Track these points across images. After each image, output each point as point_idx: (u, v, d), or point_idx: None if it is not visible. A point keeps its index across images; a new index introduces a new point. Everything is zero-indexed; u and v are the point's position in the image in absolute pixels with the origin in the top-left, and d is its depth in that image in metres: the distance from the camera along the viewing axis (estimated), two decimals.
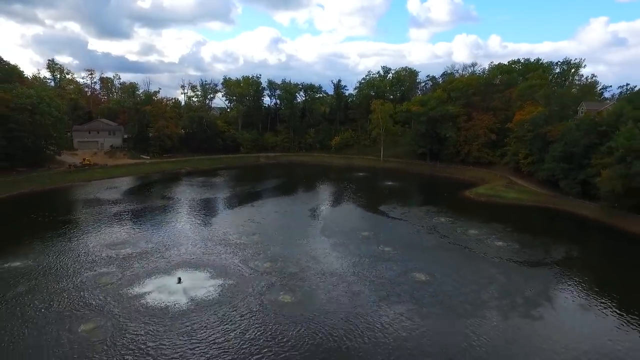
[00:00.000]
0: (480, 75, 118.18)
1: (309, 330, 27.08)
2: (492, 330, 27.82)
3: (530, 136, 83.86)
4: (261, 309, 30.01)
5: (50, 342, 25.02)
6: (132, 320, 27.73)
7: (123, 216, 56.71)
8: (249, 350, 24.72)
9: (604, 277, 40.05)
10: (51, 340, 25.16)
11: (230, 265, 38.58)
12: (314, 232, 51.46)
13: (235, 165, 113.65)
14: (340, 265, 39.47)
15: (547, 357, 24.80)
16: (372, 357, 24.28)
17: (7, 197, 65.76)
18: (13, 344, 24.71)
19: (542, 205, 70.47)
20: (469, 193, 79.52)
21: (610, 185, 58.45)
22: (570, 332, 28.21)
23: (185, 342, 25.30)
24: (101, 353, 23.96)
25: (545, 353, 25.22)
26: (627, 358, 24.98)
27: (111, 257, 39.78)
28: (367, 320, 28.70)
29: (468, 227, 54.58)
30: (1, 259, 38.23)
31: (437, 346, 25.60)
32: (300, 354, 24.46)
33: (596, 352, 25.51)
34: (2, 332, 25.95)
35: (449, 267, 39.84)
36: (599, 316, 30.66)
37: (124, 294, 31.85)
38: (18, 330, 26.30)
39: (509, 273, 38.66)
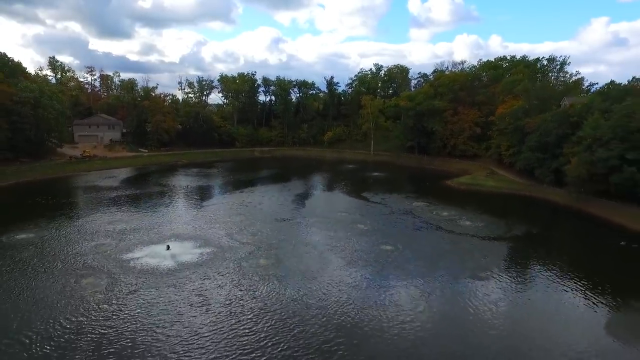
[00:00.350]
0: (467, 72, 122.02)
1: (279, 285, 31.18)
2: (439, 286, 31.91)
3: (511, 129, 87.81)
4: (239, 269, 34.15)
5: (56, 291, 29.23)
6: (126, 276, 31.90)
7: (120, 200, 60.92)
8: (225, 297, 28.87)
9: (554, 249, 44.25)
10: (57, 290, 29.37)
11: (216, 237, 42.73)
12: (295, 213, 55.63)
13: (230, 159, 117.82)
14: (315, 239, 43.61)
15: (481, 304, 28.84)
16: (330, 306, 28.32)
17: (13, 184, 69.93)
18: (26, 293, 28.86)
19: (518, 193, 74.46)
20: (450, 182, 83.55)
21: (577, 171, 62.49)
22: (505, 288, 32.29)
23: (170, 291, 29.49)
24: (99, 298, 28.13)
25: (480, 300, 29.31)
26: (538, 302, 29.08)
27: (108, 231, 43.93)
28: (332, 279, 32.76)
29: (442, 210, 58.67)
30: (9, 232, 42.38)
31: (390, 298, 29.66)
32: (268, 301, 28.55)
33: (523, 303, 29.66)
34: (15, 285, 30.17)
35: (415, 240, 43.99)
36: (539, 278, 34.77)
37: (119, 258, 36.02)
38: (29, 283, 30.52)
39: (467, 245, 42.75)
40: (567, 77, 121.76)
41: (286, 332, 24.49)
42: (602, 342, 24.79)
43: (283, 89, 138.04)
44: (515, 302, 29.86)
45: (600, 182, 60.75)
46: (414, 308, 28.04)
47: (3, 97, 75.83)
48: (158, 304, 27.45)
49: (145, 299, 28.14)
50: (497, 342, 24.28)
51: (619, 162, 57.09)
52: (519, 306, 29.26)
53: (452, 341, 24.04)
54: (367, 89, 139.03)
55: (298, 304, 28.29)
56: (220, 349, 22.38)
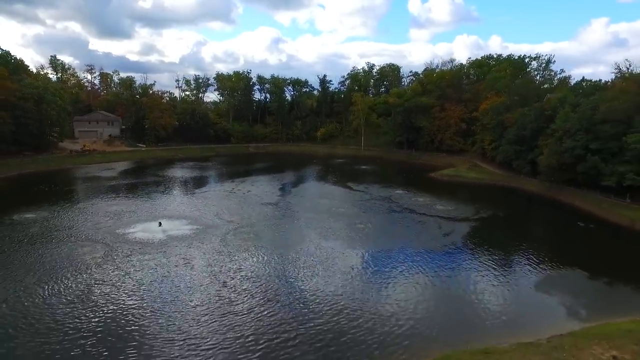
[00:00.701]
0: (454, 70, 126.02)
1: (256, 252, 35.36)
2: (391, 253, 36.05)
3: (493, 124, 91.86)
4: (222, 241, 38.30)
5: (61, 256, 33.46)
6: (121, 246, 36.10)
7: (118, 188, 65.13)
8: (207, 261, 33.08)
9: (512, 227, 48.51)
10: (62, 256, 33.61)
11: (204, 217, 46.90)
12: (281, 199, 59.81)
13: (225, 154, 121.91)
14: (296, 220, 47.78)
15: (423, 265, 33.00)
16: (297, 265, 32.46)
17: (17, 175, 74.08)
18: (35, 259, 32.96)
19: (497, 184, 78.60)
20: (434, 174, 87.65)
21: (547, 161, 66.68)
22: (449, 253, 36.46)
23: (159, 256, 33.73)
24: (98, 261, 32.32)
25: (423, 262, 33.49)
26: (475, 267, 33.23)
27: (106, 212, 48.12)
28: (304, 249, 36.90)
29: (419, 197, 62.79)
30: (18, 212, 46.60)
31: (348, 260, 33.78)
32: (244, 263, 32.70)
33: (461, 266, 33.86)
34: (26, 251, 34.39)
35: (386, 220, 48.20)
36: (485, 248, 38.89)
37: (116, 232, 40.19)
38: (38, 250, 34.73)
39: (433, 224, 46.91)
40: (551, 75, 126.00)
41: (256, 284, 28.72)
42: (523, 293, 29.00)
43: (277, 87, 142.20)
44: (456, 265, 33.95)
45: (568, 171, 64.85)
46: (365, 268, 32.31)
47: (7, 93, 79.89)
48: (149, 265, 31.62)
49: (138, 262, 32.30)
50: (428, 292, 28.43)
51: (583, 152, 61.24)
52: (457, 269, 33.30)
53: (384, 285, 28.20)
54: (359, 87, 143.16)
55: (270, 265, 32.53)
56: (200, 296, 26.52)
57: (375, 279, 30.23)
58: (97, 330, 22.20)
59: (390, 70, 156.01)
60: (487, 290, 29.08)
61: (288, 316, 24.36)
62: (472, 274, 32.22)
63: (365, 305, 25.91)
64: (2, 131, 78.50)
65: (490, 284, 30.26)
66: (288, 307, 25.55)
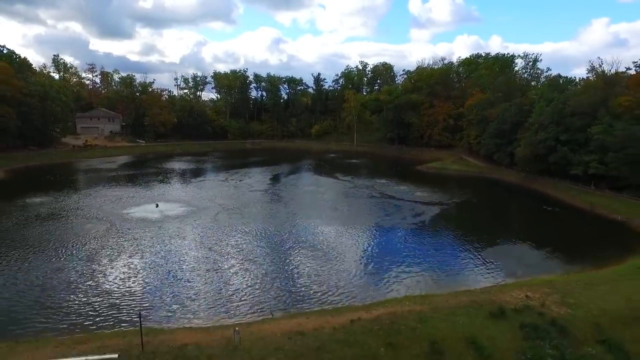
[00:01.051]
0: (443, 68, 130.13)
1: (241, 227, 39.68)
2: (360, 228, 40.32)
3: (477, 119, 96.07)
4: (212, 219, 42.70)
5: (68, 230, 37.93)
6: (121, 223, 40.50)
7: (119, 177, 69.54)
8: (197, 233, 37.44)
9: (480, 209, 52.75)
10: (69, 229, 38.08)
11: (198, 200, 51.31)
12: (270, 187, 64.23)
13: (222, 150, 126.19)
14: (281, 203, 52.13)
15: (385, 237, 37.28)
16: (274, 234, 36.77)
17: (23, 167, 78.51)
18: (46, 230, 37.35)
19: (479, 175, 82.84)
20: (420, 167, 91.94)
21: (523, 152, 70.91)
22: (422, 230, 40.71)
23: (155, 229, 38.10)
24: (101, 234, 36.63)
25: (386, 235, 37.76)
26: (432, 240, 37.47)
27: (108, 197, 52.54)
28: (283, 225, 41.26)
29: (400, 186, 67.05)
30: (27, 197, 51.06)
31: (321, 235, 38.08)
32: (230, 232, 37.02)
33: (420, 240, 38.14)
34: (38, 227, 38.74)
35: (364, 203, 52.61)
36: (451, 229, 43.14)
37: (116, 212, 44.56)
38: (48, 226, 39.10)
39: (406, 207, 51.18)
40: (538, 73, 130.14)
41: (237, 249, 33.17)
42: (471, 258, 33.29)
43: (273, 85, 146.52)
44: (419, 239, 38.22)
45: (542, 162, 69.10)
46: (334, 239, 36.61)
47: (14, 90, 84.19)
48: (146, 236, 36.00)
49: (137, 234, 36.66)
50: (387, 257, 32.76)
51: (554, 143, 65.47)
52: (420, 242, 37.58)
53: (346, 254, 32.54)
54: (352, 85, 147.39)
55: (251, 236, 37.02)
56: (189, 257, 30.87)
57: (342, 247, 34.53)
58: (103, 279, 26.57)
59: (383, 69, 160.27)
60: (439, 256, 33.34)
61: (263, 271, 28.73)
62: (431, 245, 36.50)
63: (326, 266, 30.20)
64: (9, 126, 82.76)
65: (445, 252, 34.53)
66: (263, 265, 29.92)
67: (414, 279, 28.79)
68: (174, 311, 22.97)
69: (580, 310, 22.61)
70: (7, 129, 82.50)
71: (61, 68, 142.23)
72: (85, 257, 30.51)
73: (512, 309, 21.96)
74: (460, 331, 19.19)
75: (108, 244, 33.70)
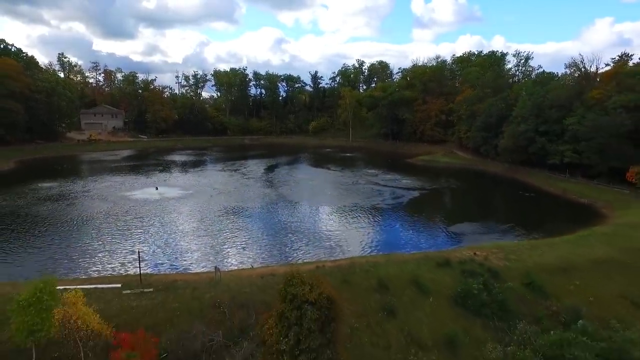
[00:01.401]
0: (436, 65, 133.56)
1: (233, 206, 43.55)
2: (341, 207, 44.16)
3: (467, 114, 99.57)
4: (206, 200, 46.74)
5: (78, 206, 41.92)
6: (124, 202, 44.53)
7: (122, 167, 73.58)
8: (193, 209, 41.29)
9: (460, 196, 56.46)
10: (78, 205, 42.11)
11: (196, 185, 55.34)
12: (263, 175, 68.09)
13: (222, 145, 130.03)
14: (271, 188, 56.11)
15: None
16: (262, 211, 40.61)
17: (32, 159, 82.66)
18: (59, 207, 41.34)
19: (466, 167, 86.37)
20: (411, 160, 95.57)
21: (505, 144, 74.50)
22: (396, 209, 44.45)
23: (155, 207, 42.05)
24: (106, 211, 40.59)
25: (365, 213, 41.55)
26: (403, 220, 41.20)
27: (111, 182, 56.63)
28: (269, 204, 45.10)
29: (387, 175, 70.74)
30: (38, 182, 55.22)
31: (306, 210, 41.90)
32: (222, 209, 40.87)
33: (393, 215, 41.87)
34: (50, 205, 42.75)
35: (348, 189, 56.32)
36: (425, 209, 46.87)
37: (119, 194, 48.64)
38: (58, 205, 43.19)
39: (388, 191, 54.96)
40: (529, 70, 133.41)
41: (226, 219, 37.00)
42: (438, 231, 37.01)
43: (272, 83, 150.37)
44: (393, 216, 41.97)
45: (523, 153, 72.69)
46: (315, 215, 40.41)
47: (22, 86, 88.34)
48: (146, 211, 40.01)
49: (137, 210, 40.67)
50: (361, 228, 36.53)
51: (534, 134, 69.05)
52: (392, 218, 41.35)
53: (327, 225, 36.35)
54: (349, 82, 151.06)
55: (239, 211, 40.89)
56: (184, 225, 34.77)
57: (319, 222, 38.37)
58: (108, 241, 30.53)
59: (380, 67, 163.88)
60: (409, 229, 37.13)
61: (248, 237, 32.65)
62: (403, 220, 40.30)
63: (303, 234, 34.08)
64: (18, 121, 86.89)
65: (415, 227, 38.30)
66: (248, 232, 33.85)
67: (381, 244, 32.59)
68: (167, 263, 26.84)
69: (517, 263, 26.39)
70: (16, 123, 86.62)
71: (66, 67, 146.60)
72: (91, 226, 34.47)
73: (458, 261, 25.74)
74: (406, 274, 22.99)
75: (111, 217, 37.68)
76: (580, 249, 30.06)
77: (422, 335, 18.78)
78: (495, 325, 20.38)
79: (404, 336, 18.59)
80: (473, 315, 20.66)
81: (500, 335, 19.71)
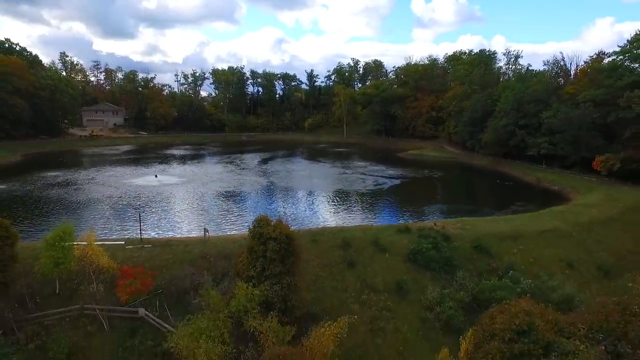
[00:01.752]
0: (428, 63, 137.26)
1: (224, 190, 47.33)
2: (329, 190, 47.93)
3: (456, 110, 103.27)
4: (201, 185, 50.43)
5: (81, 194, 45.74)
6: (126, 188, 48.30)
7: (123, 160, 77.50)
8: (188, 191, 45.08)
9: (439, 184, 60.18)
10: (82, 194, 45.91)
11: (192, 175, 59.17)
12: (257, 166, 71.94)
13: (219, 141, 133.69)
14: (263, 176, 59.91)
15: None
16: (252, 197, 44.40)
17: (36, 153, 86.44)
18: (63, 194, 45.11)
19: (452, 160, 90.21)
20: (401, 154, 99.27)
21: (488, 138, 78.24)
22: (375, 193, 48.18)
23: (153, 189, 45.75)
24: (108, 193, 44.42)
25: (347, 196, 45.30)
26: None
27: (113, 172, 60.60)
28: (260, 188, 48.84)
29: (375, 166, 74.42)
30: (45, 172, 58.96)
31: (290, 196, 45.65)
32: (216, 192, 44.65)
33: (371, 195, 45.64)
34: (58, 189, 46.52)
35: (336, 177, 60.24)
36: (400, 193, 50.56)
37: (121, 182, 52.51)
38: (63, 190, 46.97)
39: (371, 179, 58.74)
40: (519, 69, 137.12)
41: (219, 198, 40.71)
42: (410, 210, 40.76)
43: (268, 81, 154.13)
44: (371, 198, 45.69)
45: (504, 146, 76.44)
46: (301, 197, 44.20)
47: (27, 83, 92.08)
48: (145, 193, 43.76)
49: (138, 192, 44.41)
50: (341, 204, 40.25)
51: (514, 127, 72.76)
52: (370, 200, 45.07)
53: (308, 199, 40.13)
54: (343, 80, 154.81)
55: (229, 193, 44.59)
56: (181, 204, 38.53)
57: (304, 201, 42.16)
58: (111, 213, 34.35)
59: (375, 66, 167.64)
60: (383, 208, 40.85)
61: (238, 212, 36.40)
62: (380, 200, 43.96)
63: (287, 209, 37.84)
64: (23, 117, 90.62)
65: (390, 207, 42.04)
66: (238, 208, 37.59)
67: (355, 220, 36.33)
68: (164, 232, 30.61)
69: (470, 231, 30.13)
70: (21, 119, 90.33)
71: (68, 65, 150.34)
72: (95, 205, 38.28)
73: (417, 229, 29.49)
74: (369, 236, 26.75)
75: (113, 199, 41.46)
76: (532, 222, 33.79)
77: (375, 281, 22.53)
78: (441, 277, 24.12)
79: (360, 282, 22.34)
80: (423, 269, 24.40)
81: (444, 284, 23.44)
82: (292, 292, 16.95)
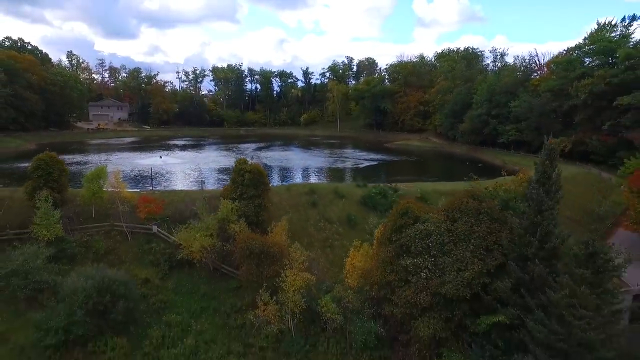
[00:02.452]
0: (416, 61, 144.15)
1: (223, 168, 54.25)
2: (310, 167, 54.87)
3: (440, 103, 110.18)
4: (203, 163, 57.40)
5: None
6: (133, 168, 55.24)
7: (129, 148, 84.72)
8: (189, 167, 52.05)
9: (412, 165, 67.18)
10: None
11: (195, 157, 66.33)
12: (253, 152, 78.92)
13: (219, 134, 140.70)
14: (258, 159, 66.13)
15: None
16: None
17: (48, 143, 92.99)
18: (84, 169, 52.08)
19: (434, 149, 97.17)
20: (388, 144, 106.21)
21: (465, 127, 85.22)
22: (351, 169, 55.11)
23: (160, 167, 52.74)
24: (121, 170, 51.33)
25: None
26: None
27: (121, 156, 67.71)
28: None
29: (360, 152, 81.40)
30: (61, 156, 65.43)
31: (278, 170, 52.64)
32: (210, 168, 51.65)
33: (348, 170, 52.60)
34: (76, 169, 53.39)
35: (321, 159, 67.25)
36: (371, 172, 57.43)
37: (129, 162, 59.48)
38: (83, 168, 53.86)
39: (351, 162, 65.64)
40: (504, 66, 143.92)
41: (215, 172, 47.69)
42: None
43: (266, 78, 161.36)
44: (349, 172, 52.60)
45: (479, 134, 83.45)
46: (288, 172, 51.25)
47: (39, 79, 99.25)
48: (154, 169, 50.65)
49: (148, 167, 51.38)
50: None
51: (487, 117, 79.73)
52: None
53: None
54: (337, 77, 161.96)
55: (227, 170, 51.46)
56: (182, 175, 45.55)
57: (288, 173, 49.16)
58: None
59: (368, 64, 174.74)
60: (354, 177, 47.70)
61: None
62: (351, 174, 50.87)
63: (273, 175, 44.84)
64: (36, 110, 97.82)
65: (359, 176, 48.89)
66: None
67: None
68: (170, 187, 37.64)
69: (418, 188, 37.01)
70: (34, 112, 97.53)
71: (74, 63, 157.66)
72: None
73: (373, 186, 36.37)
74: (332, 187, 33.78)
75: (125, 171, 48.56)
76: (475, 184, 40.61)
77: (332, 216, 29.49)
78: (385, 215, 30.95)
79: (319, 216, 29.30)
80: (371, 210, 31.35)
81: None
82: (262, 210, 23.91)
